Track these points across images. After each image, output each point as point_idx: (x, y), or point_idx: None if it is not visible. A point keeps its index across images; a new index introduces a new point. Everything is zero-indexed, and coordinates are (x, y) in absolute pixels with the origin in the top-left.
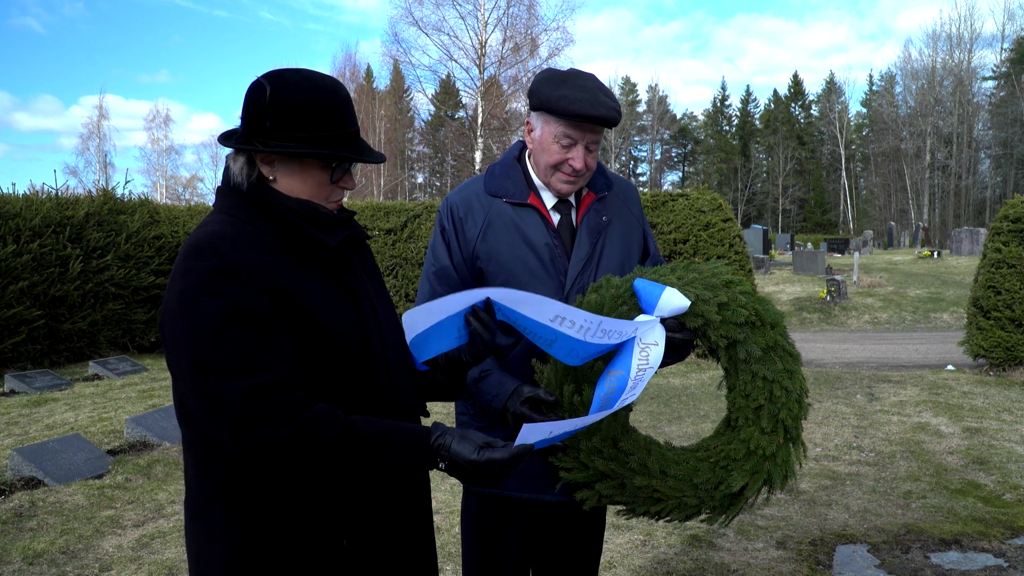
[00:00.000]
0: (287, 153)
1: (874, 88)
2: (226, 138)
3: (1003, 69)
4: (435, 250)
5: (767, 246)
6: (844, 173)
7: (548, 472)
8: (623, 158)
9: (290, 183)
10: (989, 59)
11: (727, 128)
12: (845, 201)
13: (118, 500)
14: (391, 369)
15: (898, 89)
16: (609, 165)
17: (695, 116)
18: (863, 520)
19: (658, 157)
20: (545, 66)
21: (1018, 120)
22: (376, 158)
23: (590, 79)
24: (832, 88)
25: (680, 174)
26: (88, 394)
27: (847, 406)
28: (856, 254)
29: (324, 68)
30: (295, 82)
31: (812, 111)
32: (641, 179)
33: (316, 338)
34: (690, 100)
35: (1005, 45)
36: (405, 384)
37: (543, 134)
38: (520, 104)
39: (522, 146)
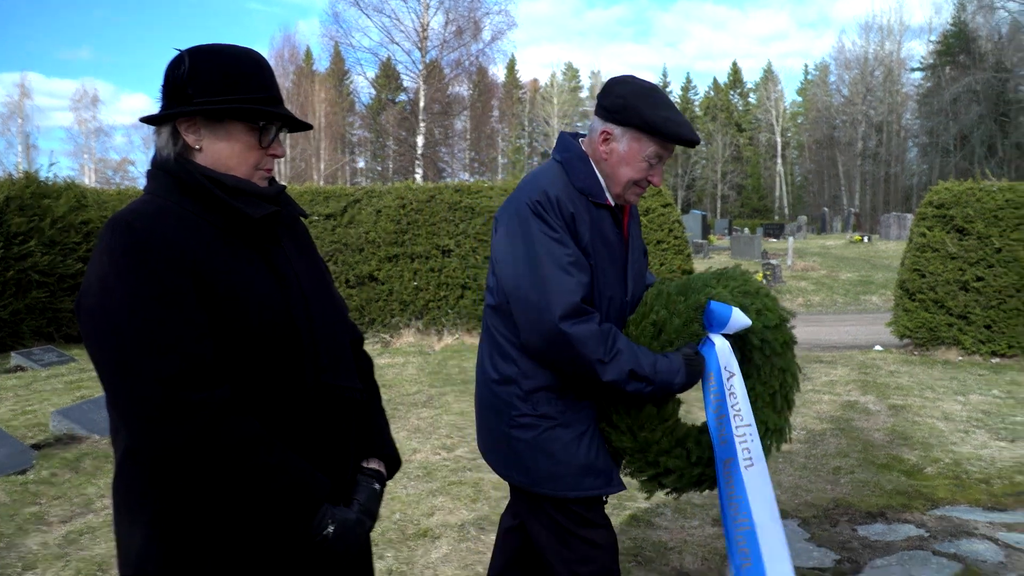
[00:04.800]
0: (211, 111)
1: (809, 77)
2: (150, 119)
3: (930, 61)
4: (556, 241)
5: (706, 231)
6: (780, 160)
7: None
8: None
9: (216, 150)
10: (917, 50)
11: None
12: (781, 187)
13: (43, 496)
14: (319, 350)
15: (832, 78)
16: (551, 151)
17: None
18: (794, 496)
19: None
20: (488, 50)
21: (943, 110)
22: (303, 125)
23: (668, 98)
24: (769, 76)
25: None
26: (10, 386)
27: None
28: (791, 239)
29: (262, 49)
30: (214, 51)
31: (750, 99)
32: None
33: (238, 317)
34: None
35: (932, 37)
36: (338, 366)
37: (631, 150)
38: (463, 88)
39: (580, 149)
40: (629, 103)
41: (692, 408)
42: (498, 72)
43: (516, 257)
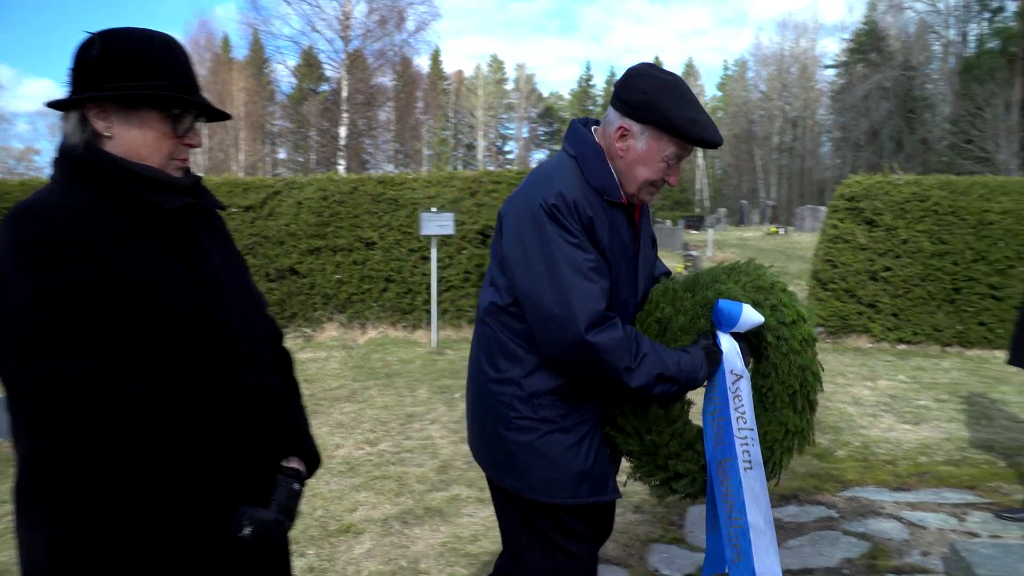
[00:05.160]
0: (122, 98)
1: (728, 73)
2: (56, 104)
3: (843, 58)
4: (575, 247)
5: None
6: (701, 154)
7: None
8: (491, 136)
9: (128, 138)
10: (831, 48)
11: (592, 108)
12: (702, 180)
13: None
14: (238, 347)
15: (750, 74)
16: (477, 143)
17: (562, 95)
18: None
19: (526, 135)
20: (412, 40)
21: (855, 106)
22: (220, 114)
23: (692, 92)
24: (691, 72)
25: (547, 152)
26: None
27: None
28: (711, 231)
29: (175, 35)
30: (128, 34)
31: None
32: (509, 157)
33: (150, 313)
34: (559, 78)
35: (845, 35)
36: (256, 363)
37: (650, 149)
38: (387, 79)
39: (595, 142)
40: (652, 100)
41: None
42: (422, 63)
43: (532, 263)
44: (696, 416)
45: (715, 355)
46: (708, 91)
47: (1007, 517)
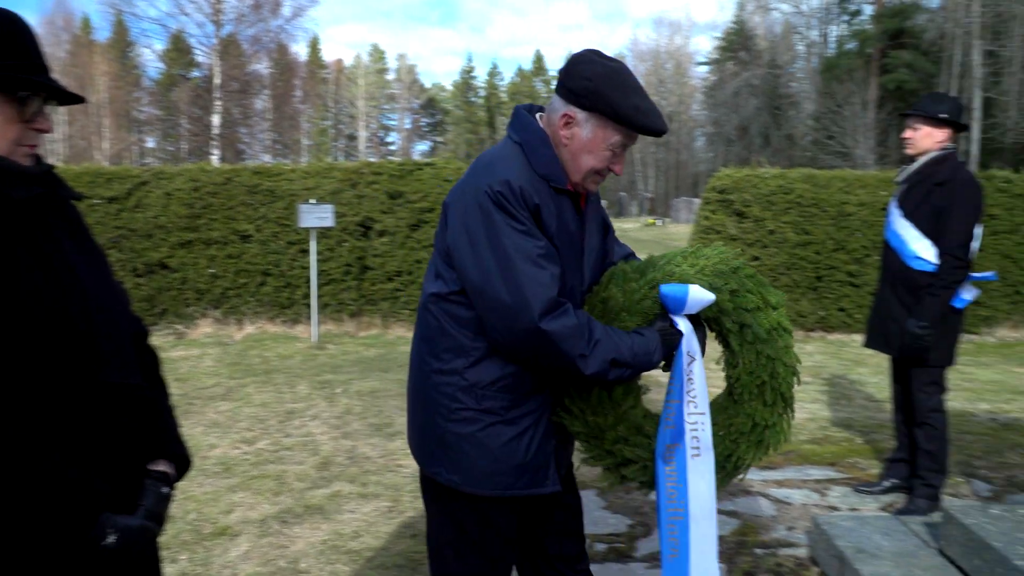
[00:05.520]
0: None
1: None
2: None
3: (715, 56)
4: (524, 234)
5: None
6: None
7: (547, 465)
8: (372, 126)
9: None
10: (704, 46)
11: (474, 99)
12: None
13: None
14: (98, 346)
15: None
16: (359, 134)
17: (444, 87)
18: (593, 468)
19: (408, 126)
20: (289, 27)
21: (726, 102)
22: (73, 97)
23: (636, 79)
24: None
25: (430, 144)
26: None
27: None
28: None
29: (29, 15)
30: None
31: (553, 86)
32: (391, 148)
33: (2, 313)
34: (441, 69)
35: (716, 34)
36: (118, 362)
37: (595, 137)
38: (263, 66)
39: (540, 129)
40: (597, 87)
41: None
42: (300, 51)
43: (479, 253)
44: (656, 404)
45: (672, 337)
46: None
47: (864, 491)
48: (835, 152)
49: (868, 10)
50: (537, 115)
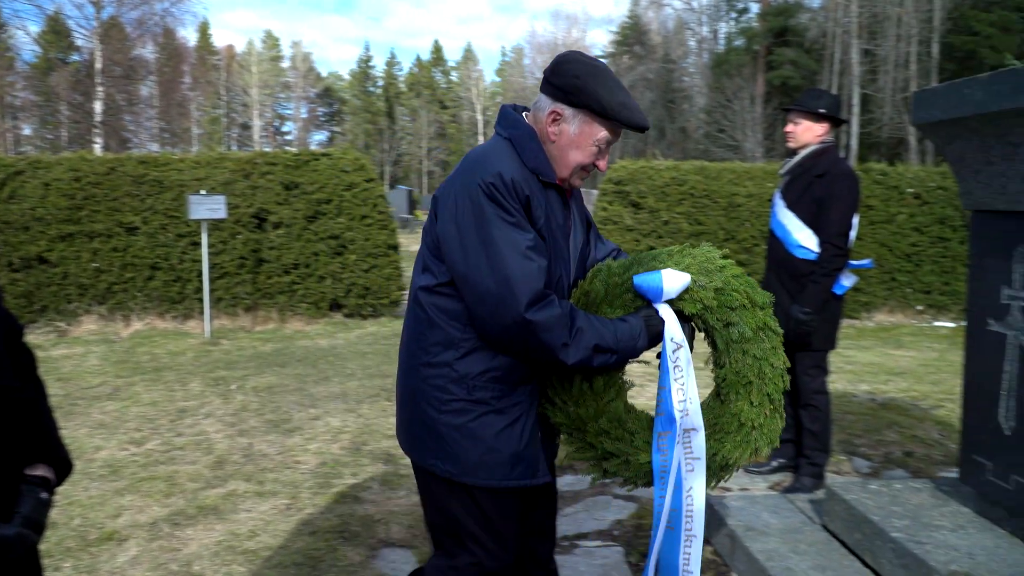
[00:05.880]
0: None
1: (506, 59)
2: None
3: (611, 49)
4: (514, 226)
5: (412, 206)
6: (482, 138)
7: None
8: (267, 115)
9: None
10: (600, 39)
11: (373, 89)
12: None
13: None
14: None
15: (527, 61)
16: (253, 123)
17: (341, 76)
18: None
19: (304, 116)
20: (175, 10)
21: None
22: None
23: (617, 78)
24: (469, 56)
25: (327, 134)
26: None
27: None
28: None
29: None
30: None
31: (452, 77)
32: (288, 138)
33: None
34: (337, 58)
35: (612, 28)
36: None
37: (581, 133)
38: (148, 51)
39: (528, 126)
40: (585, 85)
41: (306, 383)
42: (189, 36)
43: (469, 244)
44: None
45: (655, 323)
46: (487, 76)
47: (753, 471)
48: (726, 145)
49: (754, 8)
50: (523, 115)
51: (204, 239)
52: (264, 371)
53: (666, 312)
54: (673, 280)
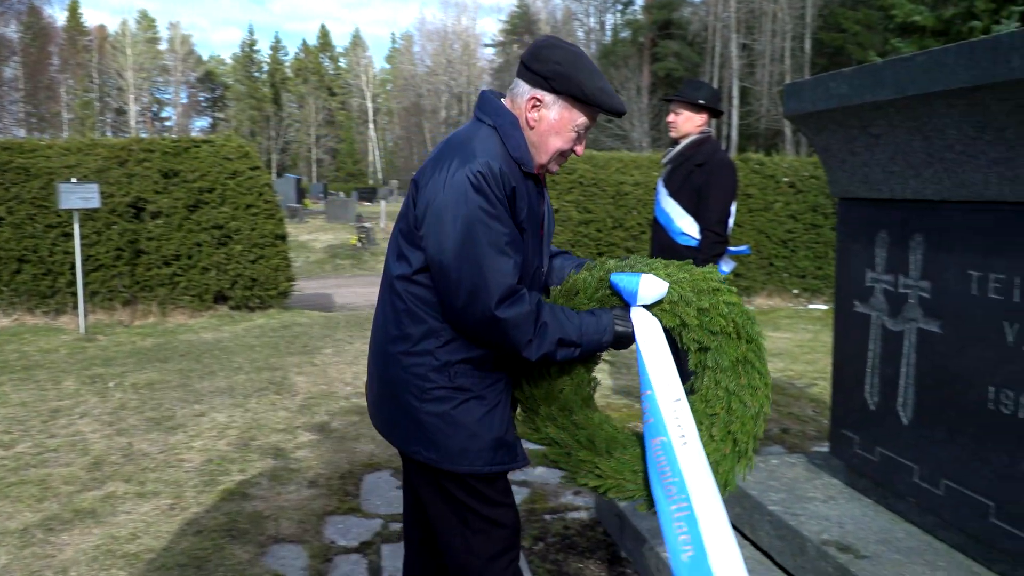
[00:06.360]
0: None
1: (396, 46)
2: None
3: (500, 38)
4: (495, 219)
5: (301, 195)
6: (372, 125)
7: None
8: (144, 100)
9: None
10: (490, 28)
11: (257, 74)
12: (374, 152)
13: None
14: None
15: (416, 48)
16: (128, 108)
17: (223, 60)
18: (387, 448)
19: (184, 101)
20: None
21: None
22: None
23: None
24: (358, 42)
25: (210, 120)
26: None
27: None
28: (383, 202)
29: None
30: None
31: (341, 63)
32: (167, 124)
33: None
34: (220, 41)
35: (502, 17)
36: None
37: (562, 119)
38: (11, 30)
39: (511, 113)
40: (566, 71)
41: (190, 378)
42: (57, 15)
43: (447, 234)
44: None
45: (626, 325)
46: (377, 63)
47: None
48: (614, 134)
49: (639, 1)
50: (502, 100)
51: (76, 230)
52: (144, 367)
53: (642, 317)
54: (650, 287)
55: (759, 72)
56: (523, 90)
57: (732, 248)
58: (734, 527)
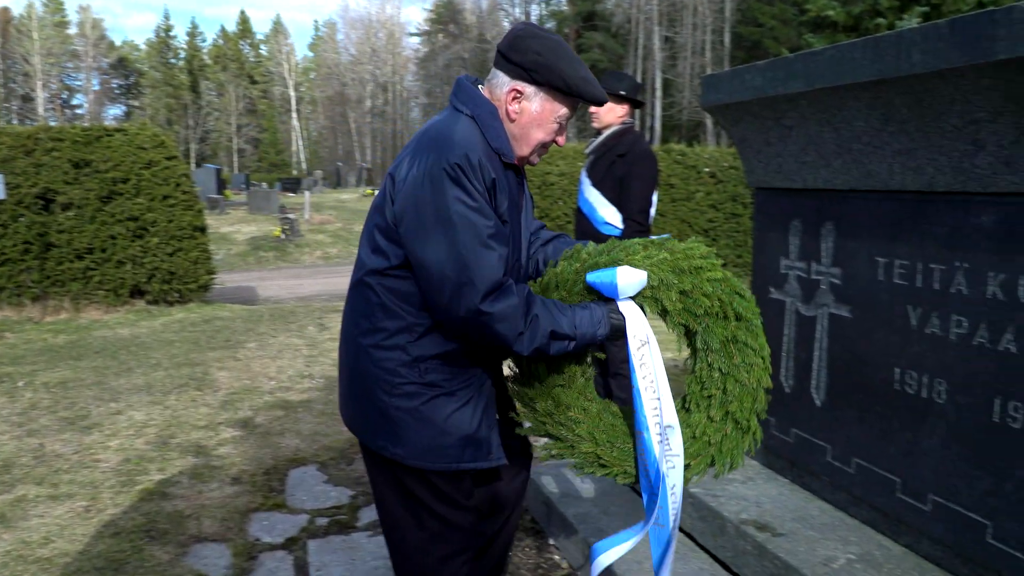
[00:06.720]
0: None
1: (319, 34)
2: None
3: (425, 27)
4: (475, 211)
5: (222, 186)
6: (295, 115)
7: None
8: (53, 87)
9: None
10: (415, 17)
11: (174, 61)
12: (297, 142)
13: None
14: None
15: (340, 36)
16: (36, 94)
17: (137, 45)
18: (313, 442)
19: (96, 88)
20: None
21: (438, 74)
22: None
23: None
24: (279, 29)
25: (124, 108)
26: None
27: (300, 338)
28: (307, 193)
29: None
30: None
31: (262, 51)
32: (78, 112)
33: None
34: (134, 25)
35: (427, 5)
36: None
37: (544, 110)
38: None
39: (489, 103)
40: (547, 61)
41: (106, 376)
42: None
43: (427, 229)
44: None
45: (619, 319)
46: (299, 51)
47: None
48: None
49: None
50: (479, 87)
51: None
52: (57, 365)
53: (630, 308)
54: (629, 277)
55: (681, 64)
56: (502, 81)
57: (654, 237)
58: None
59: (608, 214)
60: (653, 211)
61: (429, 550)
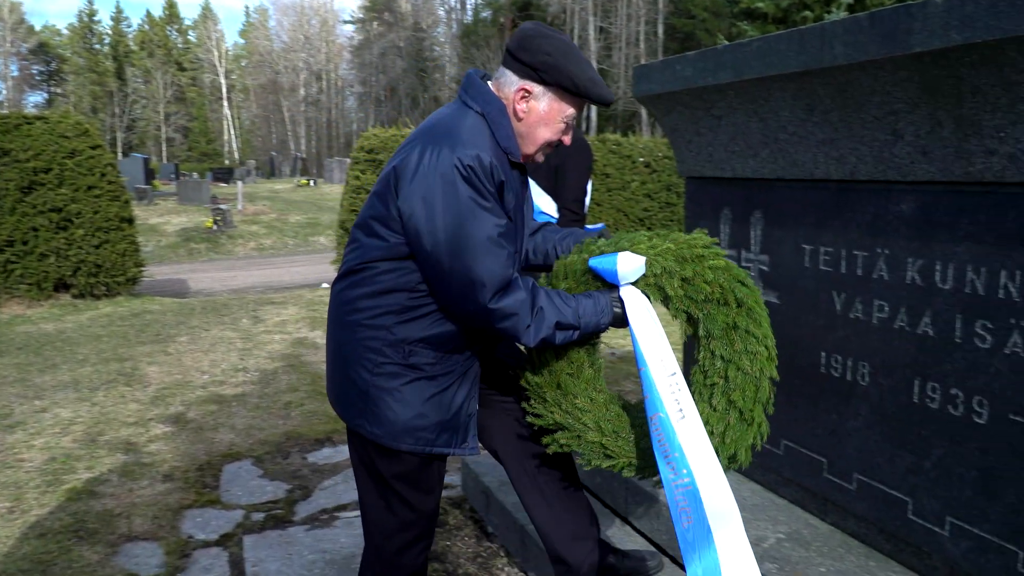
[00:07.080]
0: None
1: (250, 20)
2: None
3: (360, 15)
4: (487, 211)
5: (150, 176)
6: (227, 103)
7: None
8: None
9: None
10: (349, 4)
11: (99, 47)
12: (229, 131)
13: None
14: None
15: (272, 23)
16: None
17: (59, 30)
18: (248, 436)
19: (15, 74)
20: None
21: (373, 63)
22: None
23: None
24: (208, 15)
25: (46, 95)
26: None
27: (234, 331)
28: (240, 183)
29: None
30: None
31: (190, 36)
32: None
33: None
34: (55, 9)
35: None
36: None
37: (551, 111)
38: None
39: (499, 101)
40: (557, 62)
41: (29, 372)
42: None
43: (437, 225)
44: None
45: (620, 305)
46: (230, 38)
47: None
48: None
49: None
50: (487, 83)
51: None
52: None
53: (632, 294)
54: (629, 263)
55: (616, 55)
56: (511, 80)
57: (589, 227)
58: (595, 494)
59: (543, 203)
60: (588, 200)
61: (394, 536)
